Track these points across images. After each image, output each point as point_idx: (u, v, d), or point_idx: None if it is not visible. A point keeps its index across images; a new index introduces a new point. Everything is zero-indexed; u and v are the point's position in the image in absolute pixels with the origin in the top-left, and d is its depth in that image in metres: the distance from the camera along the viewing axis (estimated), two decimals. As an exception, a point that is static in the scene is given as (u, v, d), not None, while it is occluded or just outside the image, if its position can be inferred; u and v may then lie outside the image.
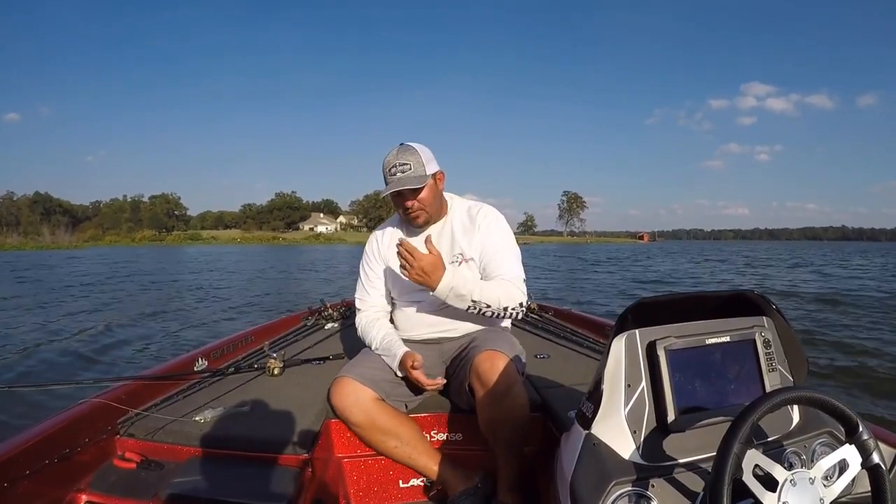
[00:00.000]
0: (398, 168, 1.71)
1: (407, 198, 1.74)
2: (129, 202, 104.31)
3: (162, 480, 1.43)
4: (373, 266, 1.94)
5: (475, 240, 1.81)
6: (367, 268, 1.96)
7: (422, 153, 1.75)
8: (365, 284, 1.95)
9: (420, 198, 1.75)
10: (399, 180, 1.71)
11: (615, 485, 0.87)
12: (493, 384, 1.52)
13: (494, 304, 1.67)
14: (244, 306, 10.03)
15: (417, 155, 1.73)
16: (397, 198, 1.77)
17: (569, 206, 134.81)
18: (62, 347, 6.08)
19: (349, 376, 1.66)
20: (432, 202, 1.79)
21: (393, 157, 1.72)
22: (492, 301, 1.66)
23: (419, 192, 1.74)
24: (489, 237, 1.81)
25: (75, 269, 21.44)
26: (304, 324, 3.08)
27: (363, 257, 1.98)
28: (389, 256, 1.88)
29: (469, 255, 1.81)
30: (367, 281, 1.94)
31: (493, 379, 1.52)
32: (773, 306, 1.06)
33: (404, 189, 1.72)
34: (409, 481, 1.78)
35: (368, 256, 1.96)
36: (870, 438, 0.81)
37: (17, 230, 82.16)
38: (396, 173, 1.71)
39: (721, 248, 70.06)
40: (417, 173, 1.72)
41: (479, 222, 1.83)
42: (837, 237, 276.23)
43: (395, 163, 1.71)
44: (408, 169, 1.71)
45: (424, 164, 1.73)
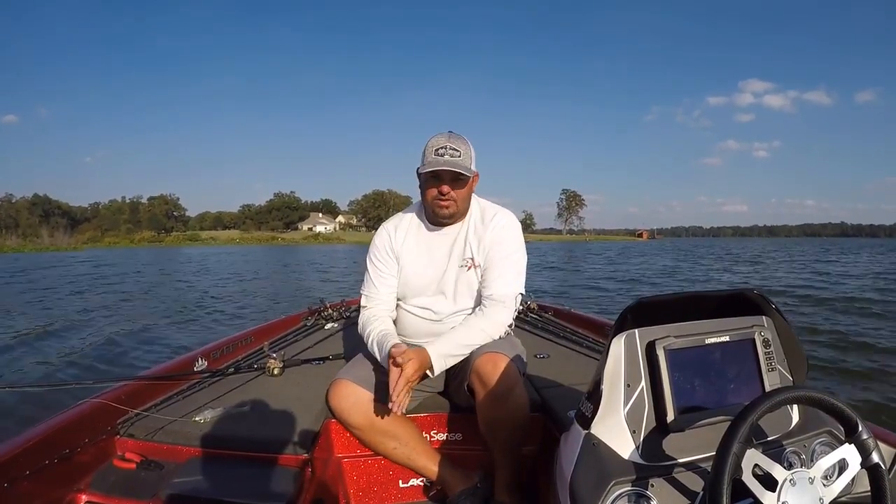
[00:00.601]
0: (448, 151, 1.63)
1: (446, 183, 1.66)
2: (127, 203, 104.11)
3: (162, 481, 1.43)
4: (383, 260, 1.82)
5: (484, 246, 1.75)
6: (378, 262, 1.83)
7: (471, 147, 1.69)
8: (374, 279, 1.82)
9: (458, 190, 1.68)
10: (448, 161, 1.63)
11: (615, 484, 0.87)
12: (494, 385, 1.51)
13: (486, 339, 1.66)
14: (243, 307, 10.03)
15: (468, 147, 1.68)
16: (433, 181, 1.68)
17: (568, 205, 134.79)
18: (62, 348, 6.09)
19: (347, 378, 1.65)
20: (465, 200, 1.73)
21: (444, 139, 1.65)
22: (483, 339, 1.65)
23: (462, 183, 1.68)
24: (495, 246, 1.74)
25: (75, 271, 21.42)
26: (304, 324, 3.08)
27: (372, 250, 1.85)
28: (402, 252, 1.80)
29: (478, 261, 1.75)
30: (377, 276, 1.82)
31: (495, 380, 1.51)
32: (773, 306, 1.06)
33: (447, 173, 1.65)
34: (409, 481, 1.79)
35: (379, 250, 1.83)
36: (869, 438, 0.81)
37: (15, 232, 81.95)
38: (445, 154, 1.63)
39: (712, 244, 70.03)
40: (465, 164, 1.65)
41: (490, 229, 1.76)
42: (837, 233, 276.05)
43: (445, 144, 1.64)
44: (458, 156, 1.64)
45: (472, 159, 1.69)
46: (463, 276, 1.75)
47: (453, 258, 1.76)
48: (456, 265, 1.75)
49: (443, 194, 1.67)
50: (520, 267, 1.76)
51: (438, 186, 1.67)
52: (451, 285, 1.76)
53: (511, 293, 1.71)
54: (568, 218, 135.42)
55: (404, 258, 1.80)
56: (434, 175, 1.67)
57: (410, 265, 1.79)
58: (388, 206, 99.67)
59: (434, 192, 1.68)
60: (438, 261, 1.77)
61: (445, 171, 1.64)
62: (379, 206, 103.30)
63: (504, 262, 1.73)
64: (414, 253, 1.80)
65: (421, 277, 1.78)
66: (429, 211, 1.77)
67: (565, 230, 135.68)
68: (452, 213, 1.73)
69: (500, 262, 1.72)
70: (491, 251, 1.74)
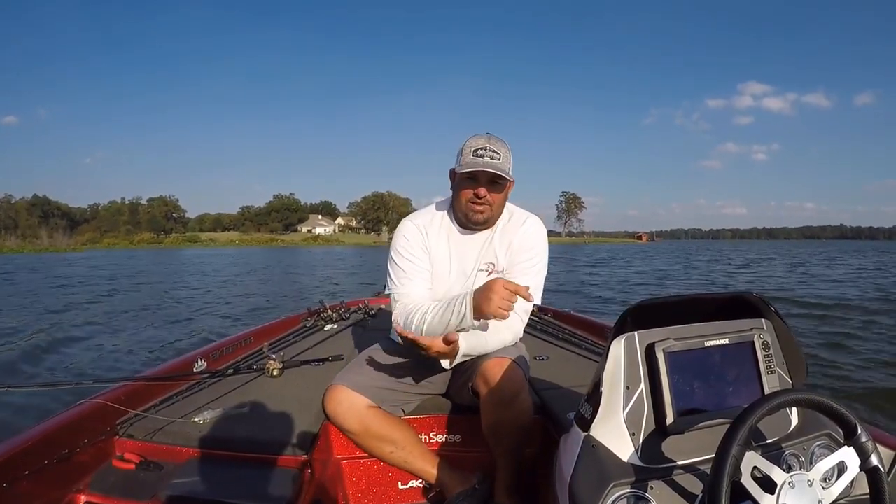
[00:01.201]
0: (488, 153, 1.58)
1: (483, 186, 1.61)
2: (127, 205, 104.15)
3: (161, 481, 1.43)
4: (417, 255, 1.71)
5: (511, 251, 1.71)
6: (409, 255, 1.71)
7: (510, 152, 1.64)
8: (408, 273, 1.70)
9: (495, 194, 1.63)
10: (489, 163, 1.57)
11: (614, 486, 0.87)
12: (500, 389, 1.51)
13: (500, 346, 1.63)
14: (243, 307, 10.03)
15: (508, 151, 1.63)
16: (469, 182, 1.62)
17: (567, 207, 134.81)
18: (61, 348, 6.09)
19: (342, 384, 1.64)
20: (500, 204, 1.67)
21: (484, 141, 1.60)
22: (499, 345, 1.63)
23: (500, 187, 1.63)
24: (522, 252, 1.70)
25: (74, 272, 21.39)
26: (304, 325, 3.07)
27: (401, 244, 1.72)
28: (435, 252, 1.72)
29: (500, 266, 1.71)
30: (411, 269, 1.70)
31: (502, 385, 1.50)
32: (772, 308, 1.06)
33: (485, 175, 1.60)
34: (408, 483, 1.78)
35: (411, 244, 1.72)
36: (868, 441, 0.81)
37: (15, 233, 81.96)
38: (485, 156, 1.57)
39: (709, 247, 69.93)
40: (504, 167, 1.59)
41: (520, 234, 1.72)
42: (836, 236, 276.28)
43: (485, 146, 1.59)
44: (497, 158, 1.58)
45: (510, 164, 1.63)
46: (482, 280, 1.69)
47: (477, 262, 1.72)
48: (477, 269, 1.71)
49: (479, 197, 1.61)
50: (541, 277, 1.72)
51: (475, 188, 1.61)
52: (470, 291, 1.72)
53: (530, 305, 1.68)
54: (567, 220, 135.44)
55: (436, 258, 1.73)
56: (471, 176, 1.61)
57: (439, 270, 1.73)
58: (387, 209, 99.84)
59: (469, 193, 1.62)
60: (466, 269, 1.73)
61: (483, 172, 1.59)
62: (378, 209, 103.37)
63: (528, 272, 1.68)
64: (444, 257, 1.73)
65: (446, 284, 1.73)
66: (461, 214, 1.69)
67: (564, 232, 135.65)
68: (486, 219, 1.67)
69: (525, 270, 1.68)
70: (517, 257, 1.70)
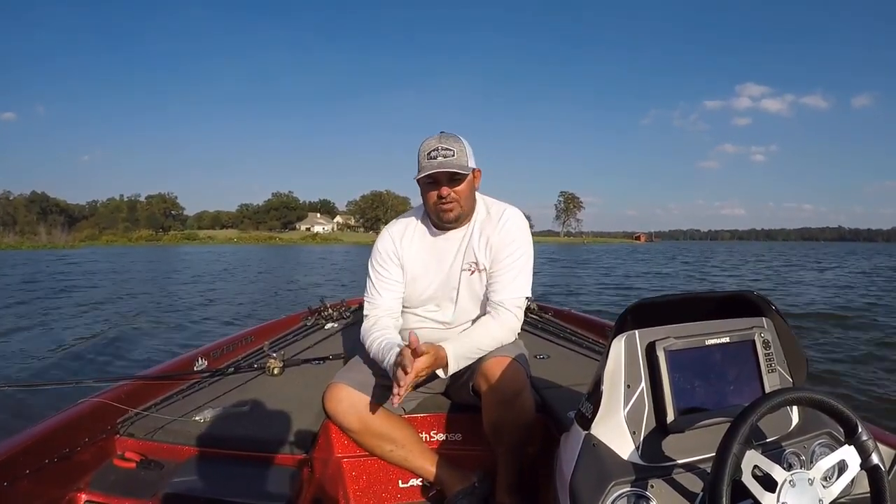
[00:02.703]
0: (440, 152, 1.58)
1: (442, 185, 1.61)
2: (125, 202, 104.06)
3: (162, 480, 1.43)
4: (386, 265, 1.76)
5: (491, 248, 1.70)
6: (380, 267, 1.76)
7: (465, 144, 1.64)
8: (376, 285, 1.76)
9: (457, 189, 1.62)
10: (442, 163, 1.57)
11: (614, 485, 0.87)
12: (502, 388, 1.51)
13: (497, 344, 1.64)
14: (243, 306, 10.02)
15: (462, 144, 1.62)
16: (430, 186, 1.63)
17: (566, 207, 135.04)
18: (62, 347, 6.08)
19: (343, 382, 1.64)
20: (467, 198, 1.67)
21: (434, 142, 1.60)
22: (495, 344, 1.63)
23: (459, 182, 1.62)
24: (504, 247, 1.69)
25: (74, 269, 21.36)
26: (304, 324, 3.07)
27: (374, 255, 1.78)
28: (406, 257, 1.75)
29: (483, 264, 1.71)
30: (379, 281, 1.76)
31: (503, 384, 1.51)
32: (773, 307, 1.06)
33: (442, 175, 1.60)
34: (409, 481, 1.78)
35: (381, 255, 1.77)
36: (869, 439, 0.81)
37: (13, 230, 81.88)
38: (437, 157, 1.58)
39: (701, 248, 69.65)
40: (460, 162, 1.60)
41: (499, 229, 1.71)
42: (834, 238, 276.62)
43: (436, 146, 1.59)
44: (451, 155, 1.58)
45: (468, 156, 1.63)
46: (466, 280, 1.72)
47: (458, 262, 1.72)
48: (458, 269, 1.72)
49: (442, 197, 1.62)
50: (528, 269, 1.72)
51: (437, 190, 1.62)
52: (457, 292, 1.73)
53: (521, 297, 1.69)
54: (566, 220, 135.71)
55: (410, 265, 1.75)
56: (431, 179, 1.62)
57: (416, 272, 1.75)
58: (385, 207, 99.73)
59: (434, 196, 1.63)
60: (446, 267, 1.73)
61: (440, 173, 1.59)
62: (377, 207, 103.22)
63: (514, 266, 1.68)
64: (420, 259, 1.75)
65: (427, 285, 1.74)
66: (433, 216, 1.71)
67: (563, 232, 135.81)
68: (458, 215, 1.67)
69: (510, 265, 1.68)
70: (499, 253, 1.69)
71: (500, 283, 1.68)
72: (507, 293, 1.67)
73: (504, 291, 1.67)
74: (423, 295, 1.75)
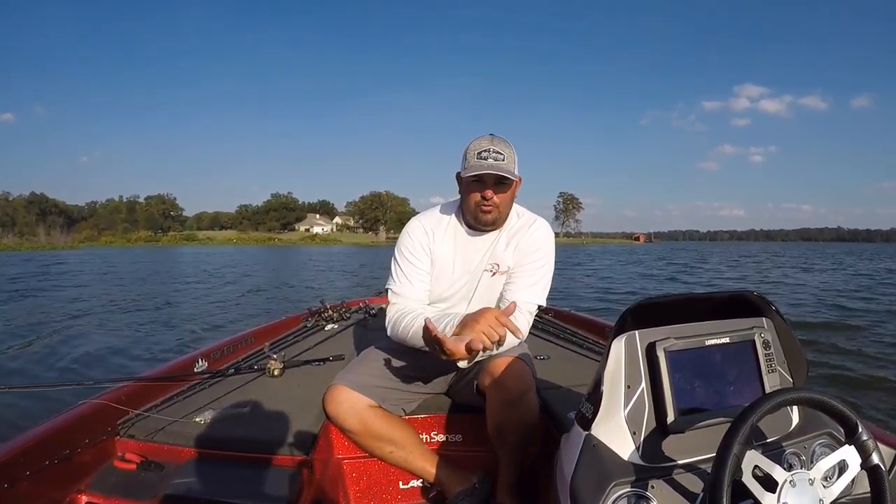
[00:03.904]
0: (491, 154, 1.57)
1: (490, 188, 1.60)
2: (124, 203, 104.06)
3: (162, 481, 1.43)
4: (418, 255, 1.72)
5: (518, 251, 1.71)
6: (411, 256, 1.72)
7: (514, 150, 1.63)
8: (407, 274, 1.70)
9: (501, 194, 1.62)
10: (493, 165, 1.56)
11: (615, 485, 0.87)
12: (508, 389, 1.50)
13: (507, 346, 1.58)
14: (242, 307, 10.01)
15: (512, 150, 1.61)
16: (475, 185, 1.61)
17: (565, 207, 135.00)
18: (62, 348, 6.07)
19: (343, 384, 1.64)
20: (507, 205, 1.67)
21: (487, 142, 1.59)
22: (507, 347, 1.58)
23: (506, 187, 1.62)
24: (531, 253, 1.70)
25: (72, 270, 21.36)
26: (304, 325, 3.07)
27: (405, 243, 1.74)
28: (437, 251, 1.73)
29: (505, 266, 1.71)
30: (411, 271, 1.70)
31: (509, 384, 1.50)
32: (773, 307, 1.06)
33: (491, 177, 1.58)
34: (409, 483, 1.78)
35: (414, 244, 1.72)
36: (869, 439, 0.81)
37: (12, 231, 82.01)
38: (489, 158, 1.56)
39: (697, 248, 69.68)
40: (509, 168, 1.58)
41: (529, 235, 1.71)
42: (833, 238, 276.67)
43: (489, 147, 1.58)
44: (501, 159, 1.57)
45: (515, 163, 1.62)
46: (486, 281, 1.72)
47: (482, 265, 1.72)
48: (482, 269, 1.71)
49: (486, 199, 1.61)
50: (548, 280, 1.72)
51: (482, 191, 1.61)
52: (473, 292, 1.73)
53: (535, 303, 1.69)
54: (565, 221, 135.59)
55: (438, 259, 1.73)
56: (477, 179, 1.60)
57: (443, 269, 1.73)
58: (384, 208, 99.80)
59: (477, 196, 1.62)
60: (471, 268, 1.73)
61: (489, 174, 1.58)
62: (376, 208, 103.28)
63: (535, 272, 1.69)
64: (449, 256, 1.73)
65: (450, 284, 1.73)
66: (470, 216, 1.69)
67: (562, 233, 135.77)
68: (495, 219, 1.66)
69: (532, 271, 1.69)
70: (524, 258, 1.69)
71: (517, 285, 1.68)
72: (522, 295, 1.66)
73: (520, 293, 1.66)
74: (444, 293, 1.73)
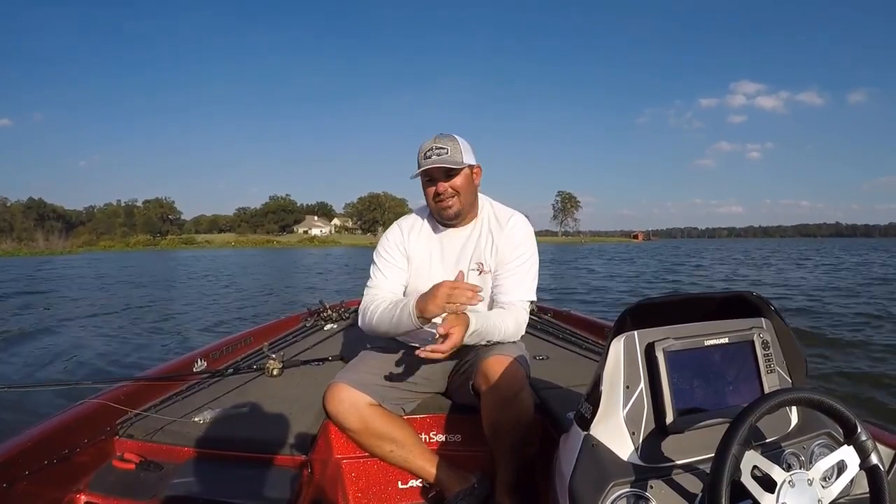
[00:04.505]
0: (434, 151, 1.64)
1: (439, 181, 1.67)
2: (122, 207, 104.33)
3: (161, 481, 1.42)
4: (392, 252, 1.80)
5: (498, 250, 1.74)
6: (386, 254, 1.81)
7: (461, 142, 1.69)
8: (382, 270, 1.79)
9: (453, 183, 1.67)
10: (437, 160, 1.63)
11: (614, 486, 0.88)
12: (501, 388, 1.51)
13: (504, 338, 1.64)
14: (241, 308, 10.01)
15: (456, 141, 1.68)
16: (428, 183, 1.69)
17: (563, 206, 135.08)
18: (61, 348, 6.07)
19: (343, 382, 1.65)
20: (466, 192, 1.71)
21: (430, 142, 1.67)
22: (503, 337, 1.63)
23: (453, 176, 1.67)
24: (512, 250, 1.73)
25: (71, 275, 21.34)
26: (304, 325, 3.08)
27: (382, 244, 1.83)
28: (412, 249, 1.80)
29: (489, 266, 1.75)
30: (385, 267, 1.79)
31: (502, 383, 1.51)
32: (772, 308, 1.06)
33: (437, 171, 1.65)
34: (408, 483, 1.78)
35: (389, 244, 1.82)
36: (868, 439, 0.81)
37: (10, 236, 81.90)
38: (432, 156, 1.64)
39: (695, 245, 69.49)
40: (454, 158, 1.65)
41: (507, 232, 1.75)
42: (831, 234, 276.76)
43: (431, 146, 1.65)
44: (444, 153, 1.64)
45: (462, 152, 1.67)
46: (474, 279, 1.73)
47: (465, 260, 1.75)
48: (466, 268, 1.74)
49: (439, 193, 1.68)
50: (534, 274, 1.76)
51: (434, 187, 1.69)
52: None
53: (527, 300, 1.72)
54: (563, 220, 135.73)
55: (415, 258, 1.80)
56: (428, 178, 1.69)
57: (421, 265, 1.79)
58: (383, 209, 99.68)
59: (432, 192, 1.71)
60: (451, 263, 1.77)
61: (435, 169, 1.65)
62: (374, 209, 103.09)
63: (522, 268, 1.73)
64: (426, 253, 1.80)
65: (431, 278, 1.73)
66: (434, 213, 1.78)
67: (561, 232, 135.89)
68: (458, 211, 1.72)
69: (516, 269, 1.72)
70: (507, 255, 1.73)
71: (507, 285, 1.71)
72: (515, 295, 1.70)
73: (512, 293, 1.70)
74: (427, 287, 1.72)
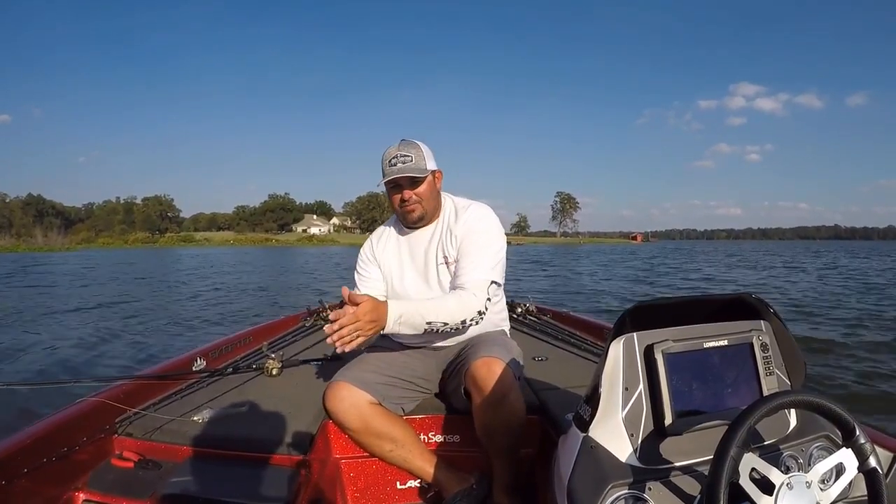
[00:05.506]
0: (399, 159, 1.69)
1: (404, 188, 1.72)
2: (121, 204, 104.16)
3: (159, 480, 1.42)
4: (366, 265, 1.91)
5: (456, 239, 1.77)
6: (362, 269, 1.92)
7: (423, 149, 1.75)
8: (358, 284, 1.90)
9: (418, 191, 1.73)
10: (402, 168, 1.69)
11: (612, 487, 0.88)
12: (489, 391, 1.51)
13: (451, 321, 1.59)
14: (241, 307, 9.99)
15: (419, 149, 1.73)
16: (394, 190, 1.75)
17: (562, 207, 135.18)
18: (61, 346, 6.06)
19: (344, 380, 1.66)
20: (429, 198, 1.77)
21: (394, 150, 1.72)
22: (447, 318, 1.58)
23: (418, 184, 1.73)
24: (467, 237, 1.76)
25: (72, 271, 21.31)
26: (303, 324, 3.08)
27: (358, 259, 1.95)
28: (383, 259, 1.88)
29: (453, 257, 1.77)
30: (360, 280, 1.90)
31: (489, 386, 1.51)
32: (771, 310, 1.06)
33: (402, 179, 1.71)
34: (407, 483, 1.78)
35: (362, 257, 1.93)
36: (867, 442, 0.81)
37: (9, 232, 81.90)
38: (397, 163, 1.69)
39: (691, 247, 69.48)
40: (418, 166, 1.71)
41: (463, 222, 1.79)
42: (830, 236, 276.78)
43: (395, 154, 1.70)
44: (409, 160, 1.70)
45: (426, 159, 1.73)
46: (445, 273, 1.78)
47: (432, 257, 1.79)
48: (432, 265, 1.78)
49: (405, 200, 1.74)
50: (493, 255, 1.72)
51: (399, 194, 1.74)
52: (435, 285, 1.78)
53: (483, 280, 1.67)
54: (562, 220, 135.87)
55: (386, 262, 1.88)
56: (393, 185, 1.74)
57: (392, 267, 1.86)
58: (382, 208, 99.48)
59: (397, 199, 1.76)
60: (420, 260, 1.82)
61: (400, 177, 1.70)
62: (373, 208, 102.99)
63: (477, 251, 1.72)
64: (395, 256, 1.87)
65: (404, 279, 1.84)
66: (400, 218, 1.85)
67: (559, 233, 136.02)
68: (421, 215, 1.78)
69: (474, 251, 1.72)
70: (464, 242, 1.75)
71: (461, 268, 1.71)
72: (467, 276, 1.67)
73: (465, 275, 1.68)
74: (402, 289, 1.82)
